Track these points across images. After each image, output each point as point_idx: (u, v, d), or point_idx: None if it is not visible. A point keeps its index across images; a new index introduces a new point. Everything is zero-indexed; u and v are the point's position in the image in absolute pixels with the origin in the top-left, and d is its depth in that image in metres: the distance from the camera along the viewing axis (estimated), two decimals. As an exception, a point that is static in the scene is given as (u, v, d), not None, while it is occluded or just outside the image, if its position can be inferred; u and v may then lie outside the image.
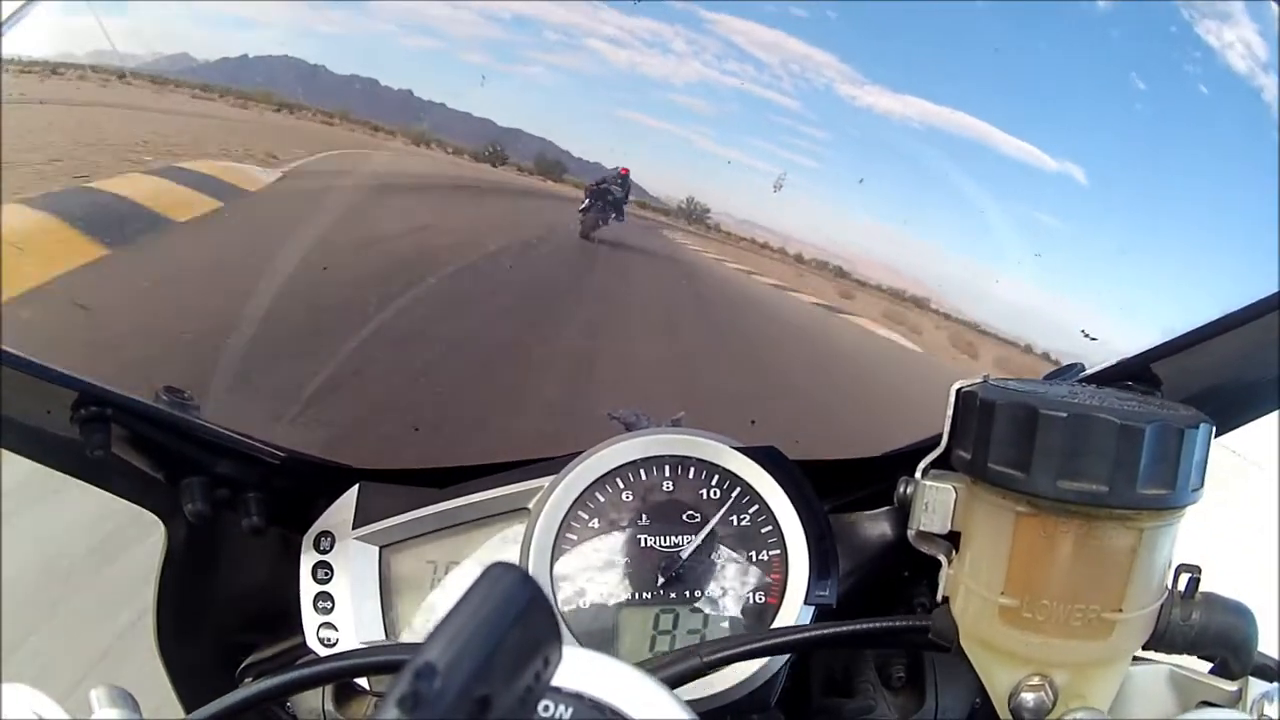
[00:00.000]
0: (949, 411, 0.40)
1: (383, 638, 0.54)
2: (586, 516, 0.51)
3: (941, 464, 0.41)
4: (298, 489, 0.56)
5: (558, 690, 0.27)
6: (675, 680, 0.42)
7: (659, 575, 0.50)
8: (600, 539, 0.51)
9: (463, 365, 0.68)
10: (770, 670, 0.48)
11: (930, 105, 0.53)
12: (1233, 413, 0.50)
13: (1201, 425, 0.35)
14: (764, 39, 0.53)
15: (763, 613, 0.50)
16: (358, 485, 0.55)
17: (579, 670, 0.27)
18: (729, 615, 0.50)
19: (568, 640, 0.43)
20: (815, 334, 0.72)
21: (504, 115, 0.61)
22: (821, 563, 0.50)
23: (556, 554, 0.50)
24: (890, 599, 0.58)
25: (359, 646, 0.52)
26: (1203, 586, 0.39)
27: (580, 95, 0.61)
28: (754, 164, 0.56)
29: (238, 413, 0.56)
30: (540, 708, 0.26)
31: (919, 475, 0.42)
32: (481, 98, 0.58)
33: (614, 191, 0.63)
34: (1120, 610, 0.36)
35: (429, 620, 0.55)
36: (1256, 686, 0.40)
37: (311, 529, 0.55)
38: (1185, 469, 0.35)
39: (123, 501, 0.54)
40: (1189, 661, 0.42)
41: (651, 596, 0.50)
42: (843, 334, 0.69)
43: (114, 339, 0.59)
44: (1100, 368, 0.49)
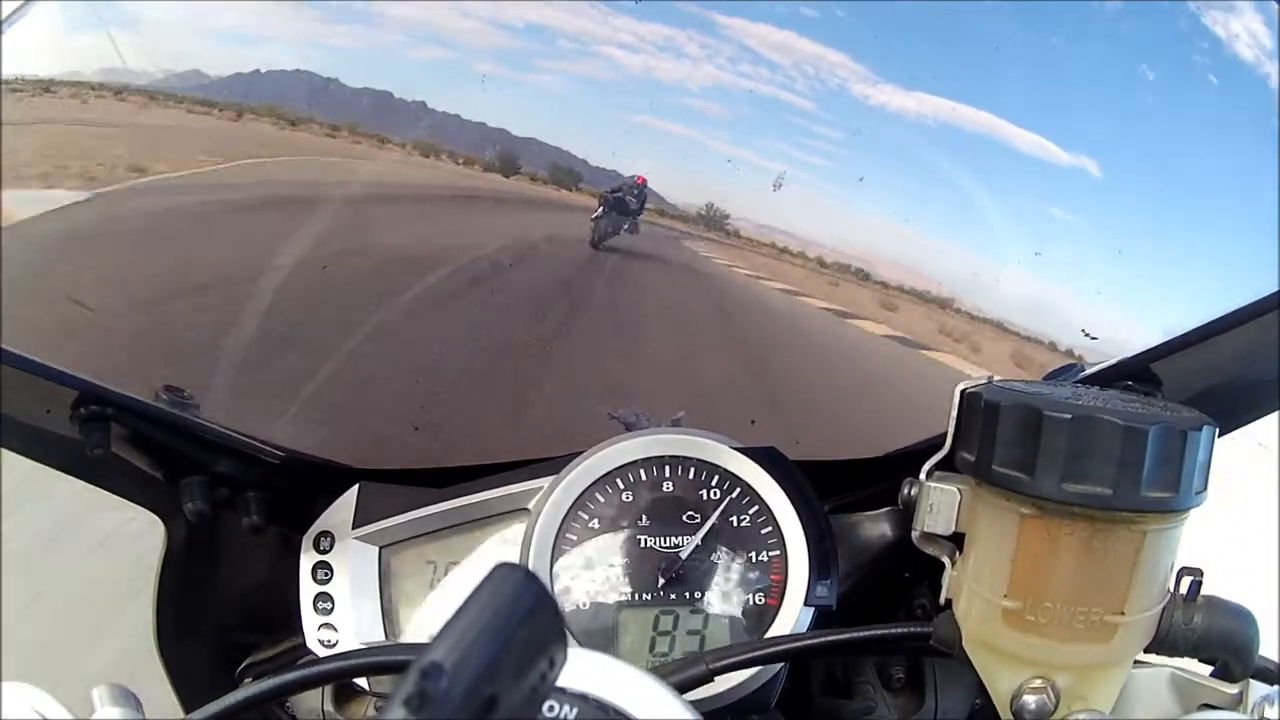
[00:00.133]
0: (953, 413, 0.40)
1: (382, 638, 0.54)
2: (586, 517, 0.51)
3: (945, 465, 0.41)
4: (297, 488, 0.56)
5: (563, 690, 0.27)
6: (682, 687, 0.42)
7: (659, 576, 0.50)
8: (600, 539, 0.51)
9: (462, 365, 0.67)
10: (770, 671, 0.48)
11: (944, 101, 0.53)
12: (1234, 413, 0.50)
13: (1205, 427, 0.35)
14: (777, 40, 0.53)
15: (762, 613, 0.50)
16: (357, 485, 0.55)
17: (583, 671, 0.27)
18: (729, 616, 0.50)
19: (568, 641, 0.43)
20: (815, 334, 0.71)
21: (518, 124, 0.61)
22: (821, 564, 0.50)
23: (556, 554, 0.50)
24: (890, 601, 0.58)
25: (358, 647, 0.52)
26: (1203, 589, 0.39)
27: (594, 102, 0.60)
28: (770, 165, 0.56)
29: (238, 412, 0.56)
30: (545, 708, 0.26)
31: (924, 476, 0.42)
32: (495, 107, 0.58)
33: (629, 202, 0.62)
34: (1123, 613, 0.36)
35: (429, 620, 0.54)
36: (1257, 689, 0.40)
37: (311, 529, 0.55)
38: (1189, 471, 0.35)
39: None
40: (1190, 664, 0.42)
41: (651, 597, 0.50)
42: (842, 334, 0.69)
43: (114, 338, 0.58)
44: (1100, 367, 0.49)
